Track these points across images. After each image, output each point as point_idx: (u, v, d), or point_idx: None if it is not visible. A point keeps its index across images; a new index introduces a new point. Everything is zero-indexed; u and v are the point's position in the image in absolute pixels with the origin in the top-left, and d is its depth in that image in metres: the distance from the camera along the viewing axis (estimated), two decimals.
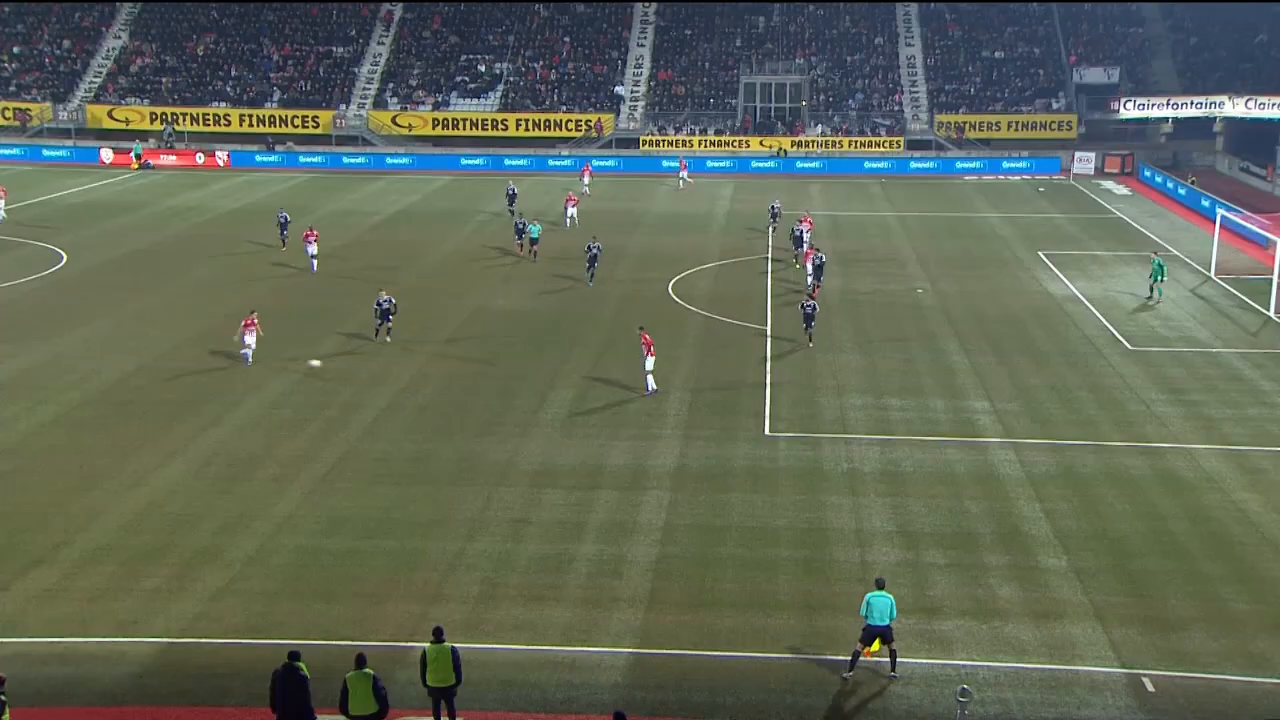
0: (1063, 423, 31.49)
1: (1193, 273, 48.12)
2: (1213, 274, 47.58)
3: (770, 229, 54.29)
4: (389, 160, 79.27)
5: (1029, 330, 40.21)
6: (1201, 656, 20.40)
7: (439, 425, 31.31)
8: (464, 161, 78.68)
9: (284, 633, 20.96)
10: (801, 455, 29.30)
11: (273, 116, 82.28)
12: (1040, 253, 52.35)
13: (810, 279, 44.67)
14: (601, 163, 77.40)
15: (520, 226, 51.41)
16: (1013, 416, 31.87)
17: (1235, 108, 74.74)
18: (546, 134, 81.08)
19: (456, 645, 18.45)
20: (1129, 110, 77.71)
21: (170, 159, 79.13)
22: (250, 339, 36.00)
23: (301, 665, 17.71)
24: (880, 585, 20.12)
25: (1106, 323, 40.88)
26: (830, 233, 56.76)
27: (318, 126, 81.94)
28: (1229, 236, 51.73)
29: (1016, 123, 79.68)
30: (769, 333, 39.65)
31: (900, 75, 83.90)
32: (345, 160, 79.07)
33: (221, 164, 78.87)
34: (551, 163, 78.17)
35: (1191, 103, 76.62)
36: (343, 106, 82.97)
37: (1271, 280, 42.79)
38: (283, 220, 52.69)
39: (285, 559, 23.99)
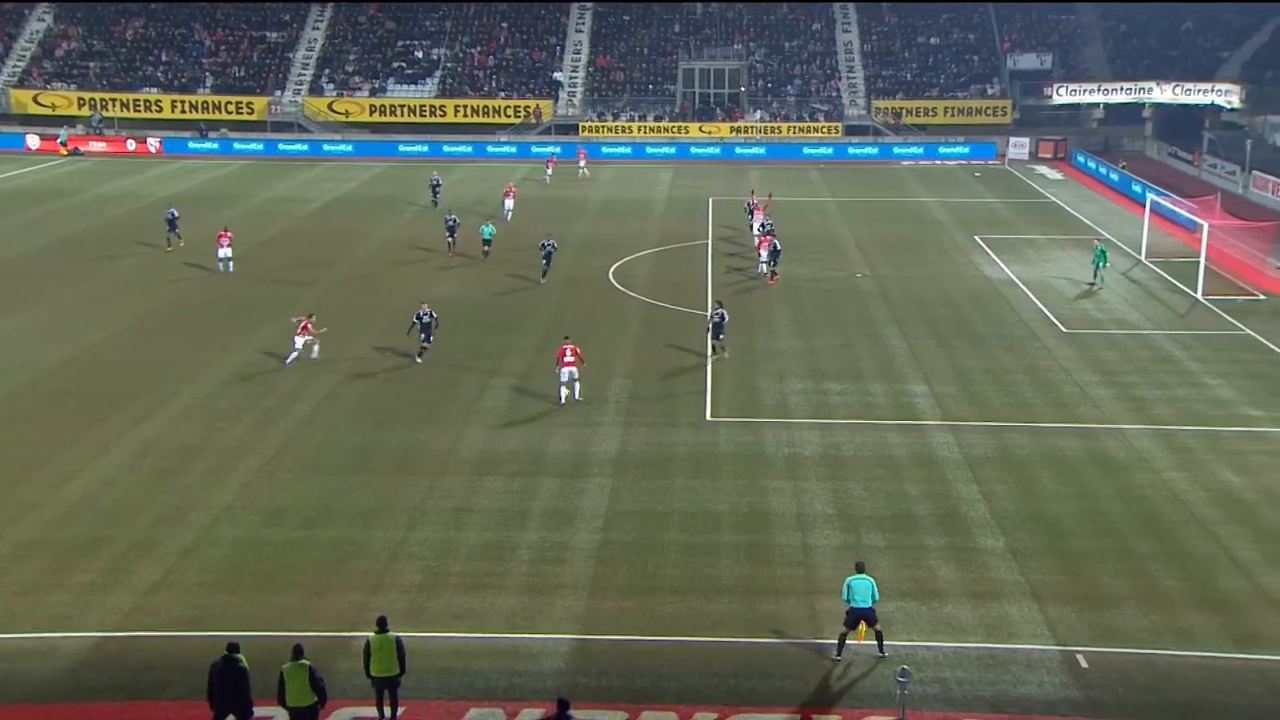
0: (999, 405, 31.91)
1: (1124, 256, 48.93)
2: (1143, 257, 48.42)
3: (750, 226, 51.86)
4: (326, 147, 78.40)
5: (966, 314, 40.67)
6: (1133, 632, 20.79)
7: (379, 414, 31.06)
8: (402, 148, 78.00)
9: (222, 625, 20.71)
10: (742, 440, 29.43)
11: (205, 103, 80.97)
12: (977, 237, 52.95)
13: (764, 265, 44.81)
14: (541, 150, 77.17)
15: (451, 223, 48.79)
16: (951, 399, 32.23)
17: (1163, 94, 76.05)
18: (485, 120, 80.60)
19: (400, 635, 18.33)
20: (1061, 96, 78.78)
21: (100, 145, 77.63)
22: (300, 341, 34.72)
23: (241, 657, 17.51)
24: (860, 568, 20.29)
25: (1042, 306, 41.46)
26: (777, 219, 56.88)
27: (252, 113, 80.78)
28: (1159, 220, 52.66)
29: (952, 108, 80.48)
30: (709, 317, 39.66)
31: (838, 61, 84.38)
32: (282, 147, 78.06)
33: (154, 151, 77.54)
34: (490, 149, 77.73)
35: (1121, 89, 77.84)
36: (278, 93, 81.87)
37: (1199, 263, 43.63)
38: (170, 217, 48.80)
39: (223, 551, 23.69)
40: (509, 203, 55.47)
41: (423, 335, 34.82)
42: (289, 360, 34.71)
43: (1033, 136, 77.79)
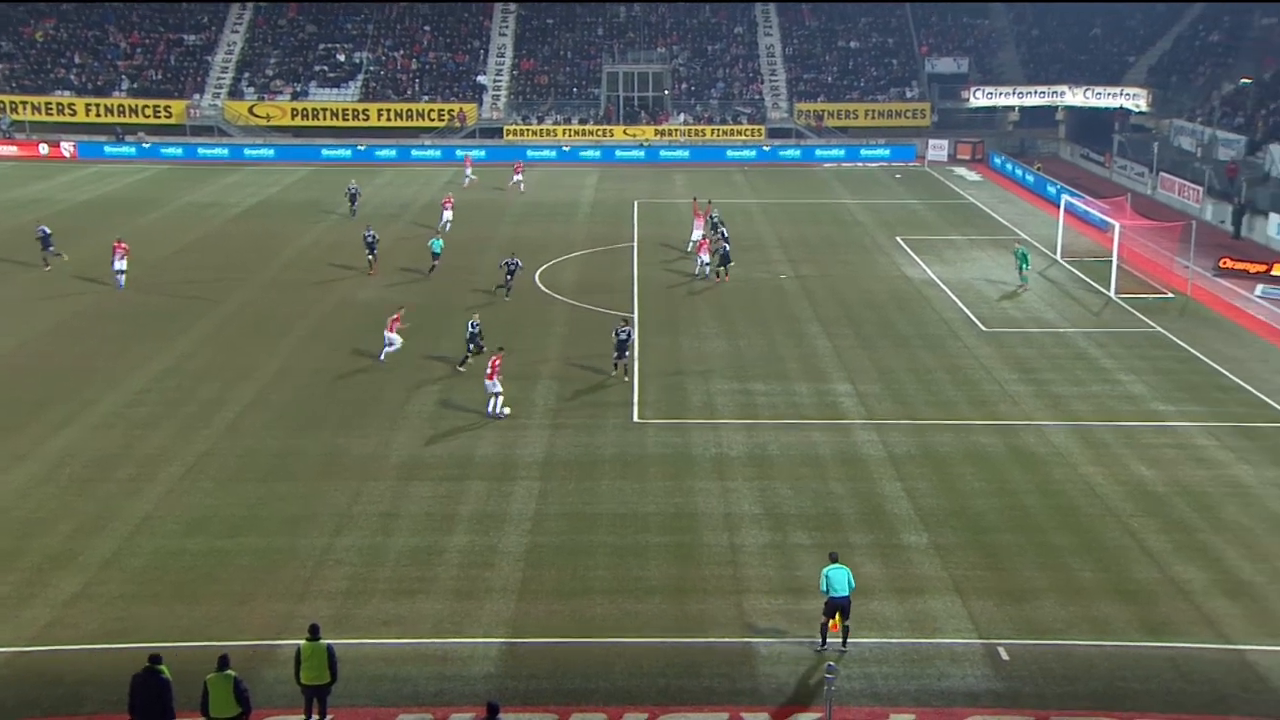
0: (922, 403, 32.35)
1: (1041, 256, 49.86)
2: (1059, 257, 49.38)
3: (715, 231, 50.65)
4: (248, 151, 77.23)
5: (889, 314, 41.18)
6: (1052, 624, 21.20)
7: (304, 420, 30.68)
8: (326, 153, 77.08)
9: (144, 636, 20.30)
10: (670, 441, 29.51)
11: (122, 106, 79.28)
12: (898, 238, 53.64)
13: (704, 268, 44.93)
14: (466, 152, 76.65)
15: (370, 240, 45.74)
16: (874, 398, 32.61)
17: (1075, 97, 77.79)
18: (409, 124, 79.92)
19: (331, 642, 18.12)
20: (978, 99, 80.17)
21: (10, 150, 75.69)
22: (393, 337, 34.79)
23: (163, 669, 17.18)
24: (834, 559, 20.48)
25: (962, 305, 42.11)
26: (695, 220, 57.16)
27: (170, 117, 79.31)
28: (1073, 221, 53.76)
29: (873, 111, 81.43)
30: (636, 320, 39.81)
31: (760, 65, 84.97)
32: (202, 151, 76.75)
33: (68, 155, 75.79)
34: (415, 153, 77.14)
35: (1035, 92, 79.43)
36: (196, 96, 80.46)
37: (1111, 262, 44.62)
38: (42, 235, 45.87)
39: (144, 561, 23.24)
40: (447, 213, 53.36)
41: (470, 346, 34.48)
42: (382, 355, 34.87)
43: (951, 139, 78.96)
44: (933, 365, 35.52)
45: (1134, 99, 74.67)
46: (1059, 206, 53.07)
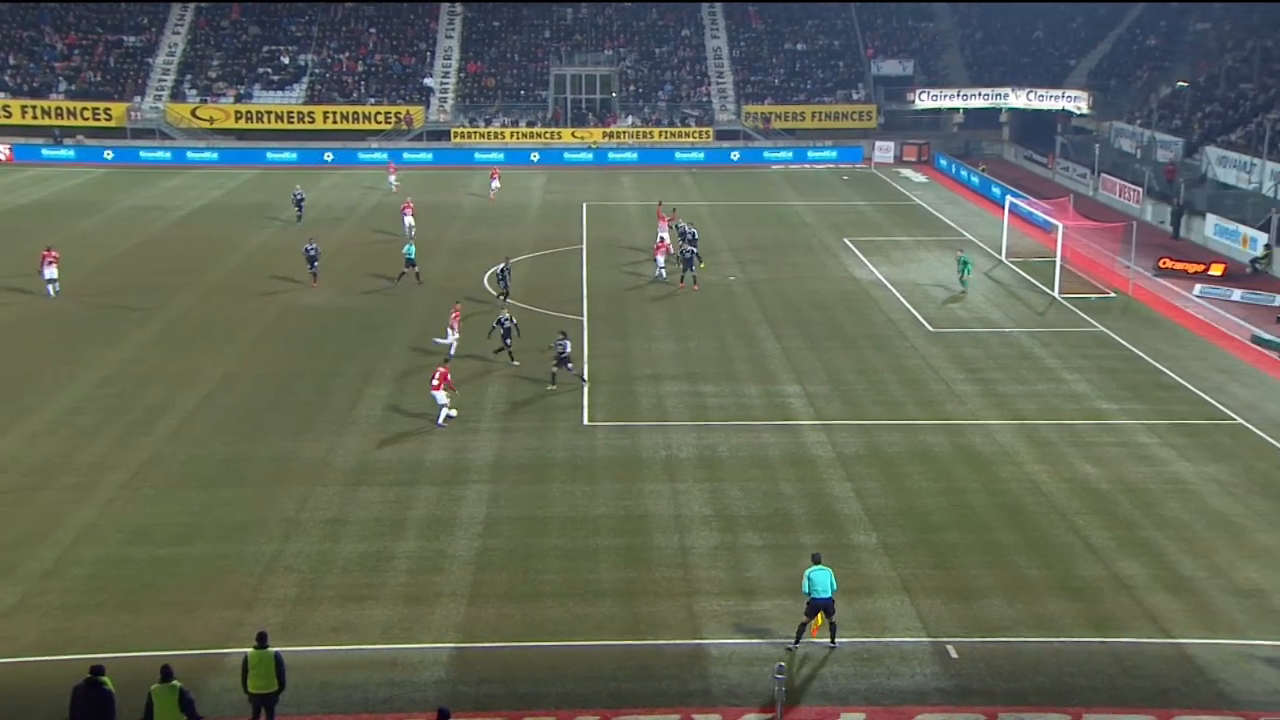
0: (870, 403, 32.60)
1: (986, 256, 50.42)
2: (1004, 257, 49.97)
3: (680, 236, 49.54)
4: (190, 154, 76.31)
5: (837, 315, 41.45)
6: (999, 622, 21.43)
7: (251, 426, 30.35)
8: (270, 156, 76.34)
9: (86, 648, 19.96)
10: (620, 444, 29.52)
11: (59, 108, 78.02)
12: (846, 239, 54.02)
13: (661, 271, 44.82)
14: (413, 156, 76.40)
15: (311, 253, 43.85)
16: (823, 399, 32.81)
17: (1018, 99, 78.85)
18: (355, 127, 79.37)
19: (279, 650, 17.93)
20: (924, 101, 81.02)
21: None
22: (453, 336, 35.44)
23: (105, 680, 16.91)
24: (816, 560, 20.54)
25: (909, 306, 42.48)
26: (644, 224, 57.29)
27: (110, 119, 78.13)
28: (1017, 221, 54.41)
29: (820, 113, 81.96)
30: (585, 322, 39.78)
31: (707, 67, 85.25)
32: (143, 155, 75.72)
33: (3, 158, 74.48)
34: (362, 156, 76.60)
35: (979, 94, 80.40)
36: (137, 99, 79.35)
37: (1055, 263, 45.22)
38: None
39: (86, 571, 22.87)
40: (408, 219, 52.31)
41: (505, 339, 35.06)
42: (450, 347, 35.20)
43: (897, 140, 79.66)
44: (880, 366, 35.80)
45: (1075, 101, 75.82)
46: (1003, 208, 53.70)
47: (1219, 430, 30.83)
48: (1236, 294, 44.12)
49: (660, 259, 45.35)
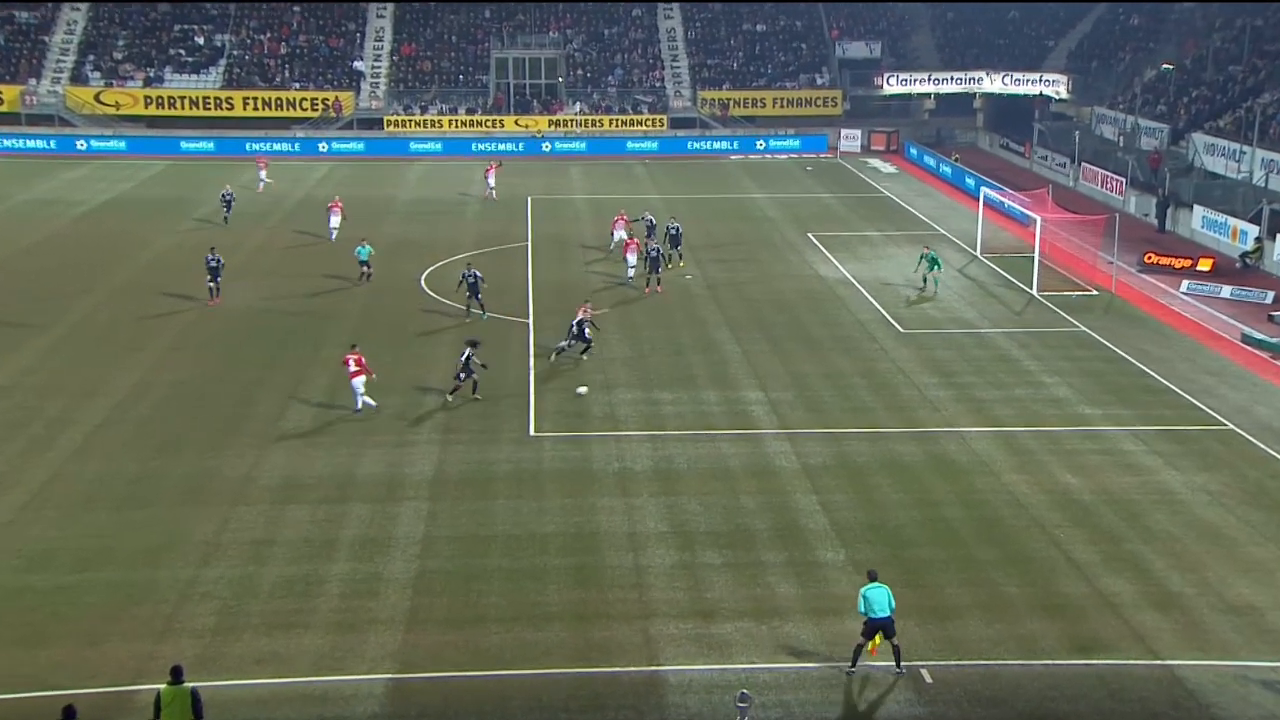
0: (837, 410, 32.79)
1: (959, 252, 50.92)
2: (979, 253, 50.48)
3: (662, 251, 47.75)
4: (95, 143, 75.43)
5: (801, 315, 41.68)
6: (976, 644, 21.62)
7: (166, 440, 30.04)
8: (185, 145, 75.63)
9: None
10: (569, 456, 29.50)
11: None
12: (810, 234, 54.33)
13: (632, 270, 44.52)
14: (343, 146, 76.00)
15: (213, 264, 41.66)
16: (787, 406, 32.97)
17: (993, 84, 79.72)
18: (279, 114, 78.83)
19: (196, 685, 17.75)
20: (892, 86, 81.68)
21: None
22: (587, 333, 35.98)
23: None
24: (873, 577, 20.64)
25: (878, 306, 42.79)
26: (594, 217, 57.36)
27: (2, 104, 76.99)
28: (992, 215, 55.01)
29: (781, 99, 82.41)
30: (531, 325, 39.74)
31: (660, 50, 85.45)
32: (39, 144, 74.72)
33: None
34: (287, 146, 76.01)
35: (951, 78, 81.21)
36: (32, 82, 78.24)
37: (1033, 258, 45.74)
38: None
39: None
40: (334, 219, 51.49)
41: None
42: (580, 351, 35.98)
43: (864, 128, 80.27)
44: (848, 370, 36.03)
45: (1054, 85, 76.78)
46: (978, 200, 54.25)
47: (1208, 436, 31.30)
48: (1226, 291, 44.83)
49: (631, 258, 44.96)
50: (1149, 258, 49.05)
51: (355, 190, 62.20)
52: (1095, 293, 44.97)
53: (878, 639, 20.43)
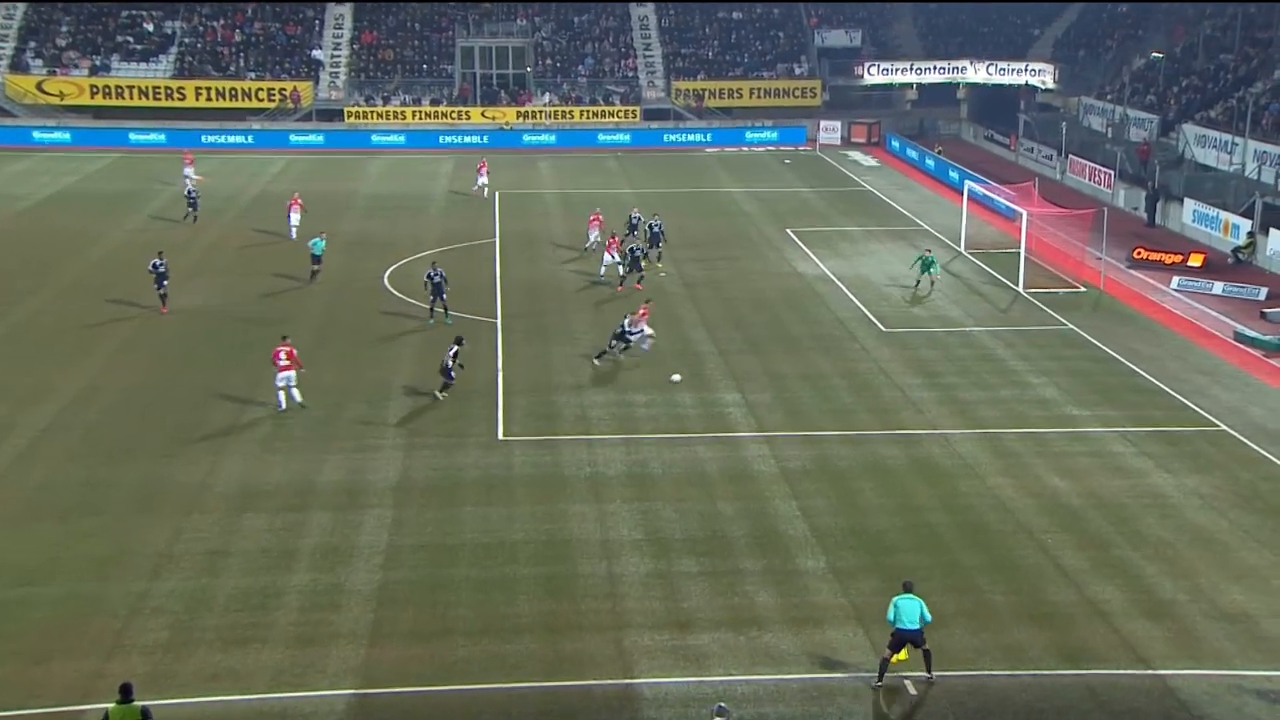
0: (817, 413, 32.87)
1: (943, 248, 51.12)
2: (963, 249, 50.70)
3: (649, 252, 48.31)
4: (36, 135, 74.90)
5: (779, 314, 41.77)
6: (961, 653, 21.70)
7: (115, 446, 29.85)
8: (134, 137, 75.17)
9: None
10: (539, 460, 29.48)
11: None
12: (788, 230, 54.46)
13: (623, 271, 44.29)
14: (301, 138, 75.74)
15: (158, 269, 40.19)
16: (765, 408, 33.03)
17: (977, 73, 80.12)
18: (233, 105, 78.46)
19: (147, 704, 17.64)
20: (873, 76, 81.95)
21: None
22: (645, 329, 36.30)
23: None
24: (908, 588, 20.72)
25: (859, 304, 42.92)
26: (564, 213, 57.34)
27: None
28: (977, 209, 55.27)
29: (758, 89, 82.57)
30: (500, 325, 39.69)
31: (633, 38, 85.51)
32: None
33: None
34: (241, 139, 75.68)
35: (934, 68, 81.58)
36: None
37: (1019, 254, 45.98)
38: None
39: None
40: (294, 216, 51.09)
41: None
42: (645, 345, 36.23)
43: (844, 120, 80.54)
44: (828, 370, 36.12)
45: (1040, 75, 77.19)
46: (962, 194, 54.49)
47: (1200, 438, 31.53)
48: (1218, 287, 45.16)
49: (613, 257, 44.70)
50: (1138, 253, 49.38)
51: (314, 185, 61.99)
52: (1083, 289, 45.23)
53: (904, 652, 20.55)
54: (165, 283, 40.38)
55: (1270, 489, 28.51)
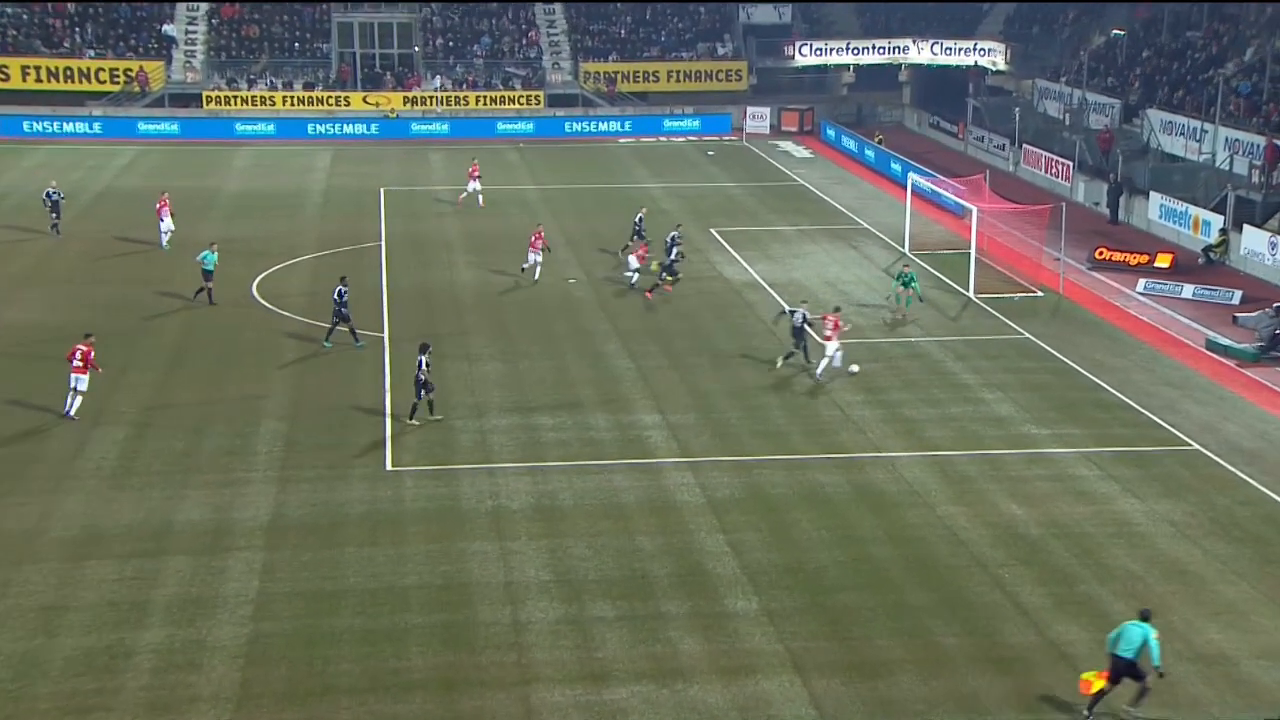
0: (747, 435, 33.02)
1: (885, 248, 51.64)
2: (907, 249, 51.23)
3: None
4: None
5: (704, 324, 41.93)
6: (911, 704, 21.84)
7: None
8: None
9: None
10: (434, 493, 29.33)
11: None
12: (712, 230, 54.71)
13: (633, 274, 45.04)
14: (152, 127, 74.78)
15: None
16: (689, 430, 33.11)
17: (920, 54, 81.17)
18: (68, 87, 77.23)
19: None
20: (805, 56, 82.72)
21: None
22: (833, 348, 36.59)
23: None
24: (1145, 617, 21.10)
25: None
26: (458, 213, 57.13)
27: None
28: (922, 205, 55.91)
29: (677, 72, 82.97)
30: (386, 340, 39.42)
31: (535, 14, 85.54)
32: None
33: None
34: (78, 128, 74.55)
35: (873, 47, 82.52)
36: None
37: (969, 255, 46.56)
38: None
39: None
40: (165, 221, 49.73)
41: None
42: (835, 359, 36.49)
43: (774, 106, 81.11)
44: (759, 387, 36.31)
45: (990, 55, 78.31)
46: (906, 188, 55.09)
47: (1171, 458, 32.11)
48: (1188, 290, 46.02)
49: (638, 264, 45.29)
50: (1101, 253, 50.21)
51: (169, 181, 61.06)
52: (1040, 294, 45.90)
53: (1102, 680, 20.83)
54: None
55: (1248, 515, 29.09)
